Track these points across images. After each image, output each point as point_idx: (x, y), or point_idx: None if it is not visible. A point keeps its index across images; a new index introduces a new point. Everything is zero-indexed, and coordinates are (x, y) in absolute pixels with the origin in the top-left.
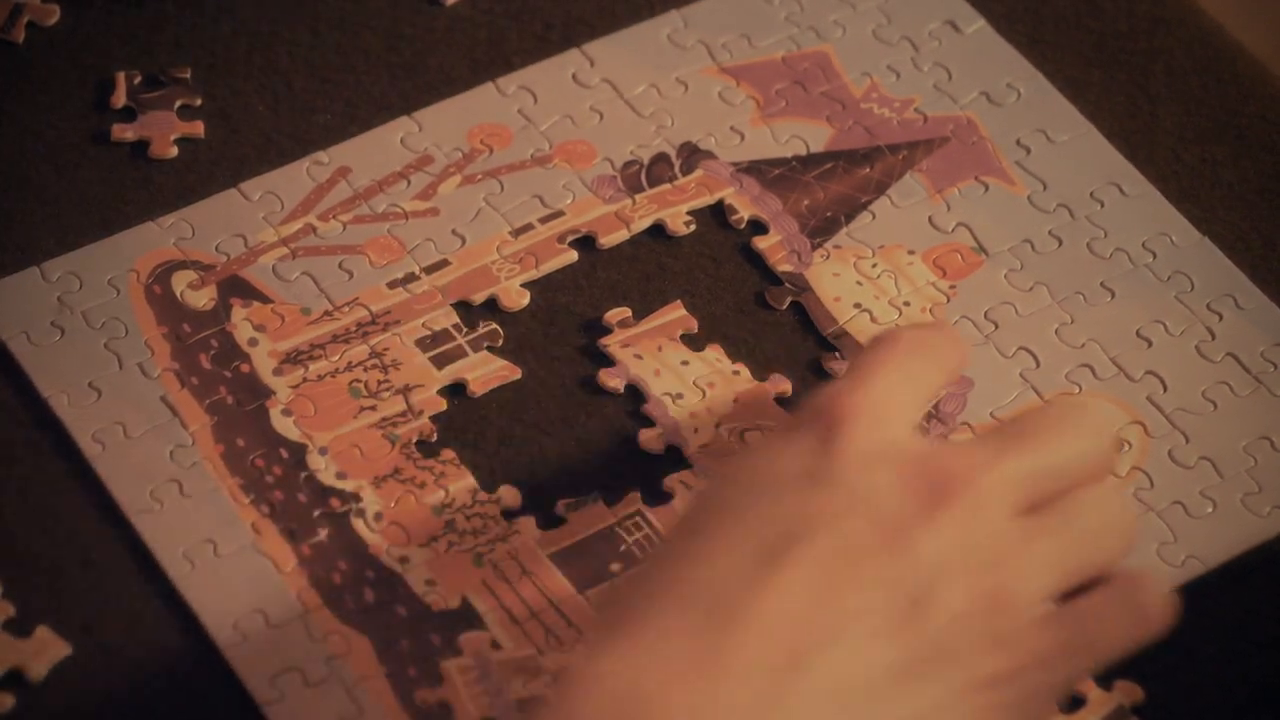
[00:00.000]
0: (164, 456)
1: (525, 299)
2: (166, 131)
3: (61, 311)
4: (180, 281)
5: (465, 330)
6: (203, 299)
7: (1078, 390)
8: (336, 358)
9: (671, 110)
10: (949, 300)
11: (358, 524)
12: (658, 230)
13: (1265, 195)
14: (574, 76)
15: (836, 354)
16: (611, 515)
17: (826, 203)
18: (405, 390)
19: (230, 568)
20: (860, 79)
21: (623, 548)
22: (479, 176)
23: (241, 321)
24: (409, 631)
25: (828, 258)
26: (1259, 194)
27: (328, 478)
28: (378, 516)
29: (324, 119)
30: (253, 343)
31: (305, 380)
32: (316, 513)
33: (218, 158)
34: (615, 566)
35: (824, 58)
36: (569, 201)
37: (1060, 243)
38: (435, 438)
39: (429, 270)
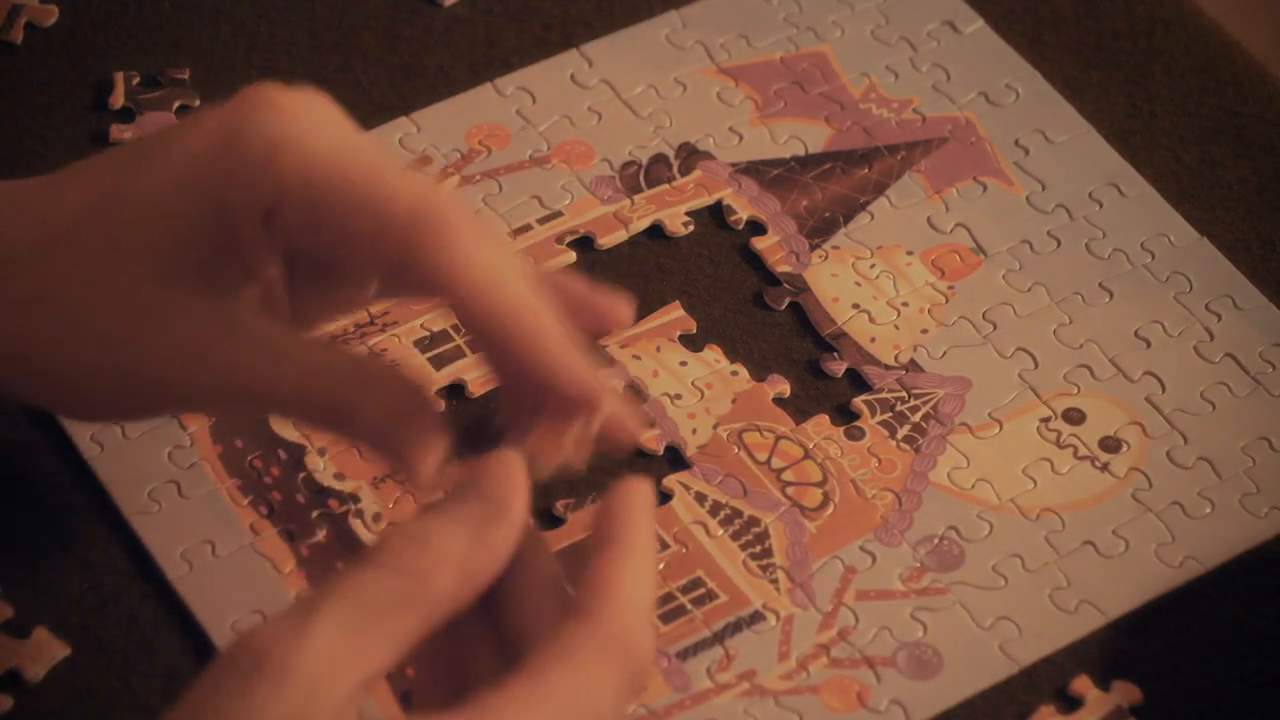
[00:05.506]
0: (162, 457)
1: None
2: None
3: None
4: None
5: (464, 331)
6: None
7: (1076, 391)
8: None
9: (670, 111)
10: (947, 301)
11: (356, 525)
12: (656, 231)
13: (1265, 195)
14: (572, 77)
15: (835, 354)
16: None
17: (825, 203)
18: None
19: (229, 568)
20: (859, 79)
21: None
22: (477, 177)
23: None
24: None
25: (826, 258)
26: (1258, 194)
27: (326, 478)
28: (376, 517)
29: None
30: None
31: None
32: (315, 513)
33: None
34: None
35: (822, 58)
36: (567, 202)
37: (1059, 243)
38: None
39: None
